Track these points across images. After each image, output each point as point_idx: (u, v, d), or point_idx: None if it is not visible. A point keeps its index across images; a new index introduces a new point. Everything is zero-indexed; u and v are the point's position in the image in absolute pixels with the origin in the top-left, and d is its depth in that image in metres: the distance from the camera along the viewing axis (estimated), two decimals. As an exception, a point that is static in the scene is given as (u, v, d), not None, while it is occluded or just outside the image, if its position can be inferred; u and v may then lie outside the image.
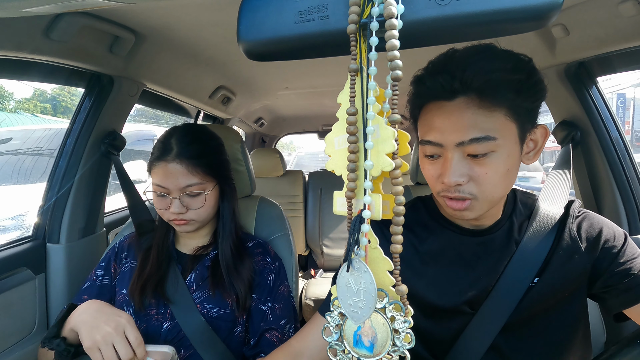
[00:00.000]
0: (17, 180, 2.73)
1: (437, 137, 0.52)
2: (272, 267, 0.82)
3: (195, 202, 0.75)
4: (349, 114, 0.33)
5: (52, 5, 0.46)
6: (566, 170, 0.82)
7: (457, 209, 0.54)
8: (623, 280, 0.55)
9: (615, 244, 0.57)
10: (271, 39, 0.35)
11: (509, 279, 0.58)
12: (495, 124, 0.49)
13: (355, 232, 0.34)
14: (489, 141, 0.49)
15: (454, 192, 0.53)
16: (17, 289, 0.90)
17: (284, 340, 0.76)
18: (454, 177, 0.51)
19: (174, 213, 0.73)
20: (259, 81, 1.65)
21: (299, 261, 2.02)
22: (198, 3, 0.80)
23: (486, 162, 0.51)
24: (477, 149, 0.50)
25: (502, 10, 0.30)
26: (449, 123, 0.51)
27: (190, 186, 0.74)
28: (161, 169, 0.73)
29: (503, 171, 0.52)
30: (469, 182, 0.52)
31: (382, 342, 0.36)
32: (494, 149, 0.50)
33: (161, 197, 0.74)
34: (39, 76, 0.89)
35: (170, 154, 0.74)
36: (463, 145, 0.50)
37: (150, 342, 0.74)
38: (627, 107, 10.82)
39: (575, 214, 0.62)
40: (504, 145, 0.50)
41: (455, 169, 0.51)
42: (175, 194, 0.73)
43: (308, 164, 6.96)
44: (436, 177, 0.55)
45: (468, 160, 0.52)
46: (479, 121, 0.49)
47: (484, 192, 0.52)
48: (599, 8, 0.77)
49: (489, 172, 0.51)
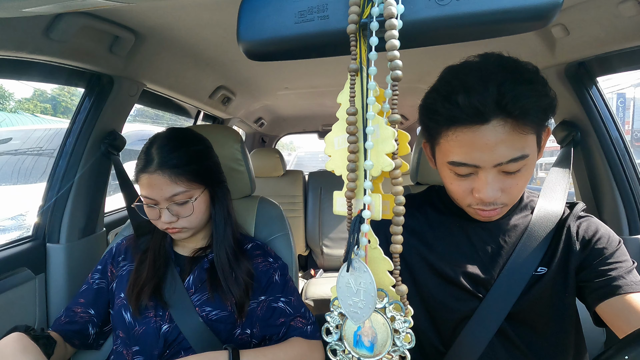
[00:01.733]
0: (17, 180, 2.73)
1: (474, 159, 0.53)
2: (275, 267, 0.82)
3: (184, 210, 0.74)
4: (349, 114, 0.33)
5: (52, 5, 0.46)
6: (566, 168, 0.83)
7: (488, 217, 0.59)
8: (600, 278, 0.58)
9: (607, 245, 0.60)
10: (271, 39, 0.35)
11: (514, 266, 0.62)
12: (527, 142, 0.53)
13: (355, 232, 0.34)
14: (524, 159, 0.53)
15: (489, 206, 0.57)
16: (17, 289, 0.90)
17: (309, 324, 0.78)
18: (492, 194, 0.54)
19: (165, 222, 0.73)
20: (259, 81, 1.65)
21: (299, 261, 2.03)
22: (198, 3, 0.80)
23: (518, 175, 0.55)
24: (514, 167, 0.53)
25: (502, 10, 0.30)
26: (486, 146, 0.52)
27: (175, 195, 0.72)
28: (145, 180, 0.72)
29: (528, 177, 0.57)
30: (502, 194, 0.56)
31: (382, 342, 0.36)
32: (526, 163, 0.54)
33: (150, 207, 0.73)
34: (39, 76, 0.89)
35: (152, 164, 0.71)
36: (501, 166, 0.53)
37: (150, 345, 0.74)
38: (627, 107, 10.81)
39: (577, 214, 0.65)
40: (532, 158, 0.55)
41: (494, 186, 0.54)
42: (163, 204, 0.72)
43: (308, 164, 6.97)
44: (468, 191, 0.57)
45: (502, 176, 0.55)
46: (514, 142, 0.51)
47: (513, 199, 0.58)
48: (599, 8, 0.77)
49: (520, 183, 0.56)
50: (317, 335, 0.78)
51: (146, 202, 0.73)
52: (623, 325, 0.53)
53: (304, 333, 0.77)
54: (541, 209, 0.66)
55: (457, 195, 0.60)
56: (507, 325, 0.62)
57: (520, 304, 0.61)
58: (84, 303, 0.81)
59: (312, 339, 0.77)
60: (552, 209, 0.66)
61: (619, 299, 0.55)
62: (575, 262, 0.61)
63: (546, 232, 0.63)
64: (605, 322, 0.57)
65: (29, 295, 0.95)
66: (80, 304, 0.81)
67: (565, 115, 1.06)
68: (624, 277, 0.56)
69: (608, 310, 0.56)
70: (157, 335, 0.74)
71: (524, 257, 0.62)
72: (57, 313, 0.99)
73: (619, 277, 0.57)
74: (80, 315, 0.79)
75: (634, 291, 0.55)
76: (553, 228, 0.63)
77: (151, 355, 0.73)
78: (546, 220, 0.64)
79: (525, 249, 0.62)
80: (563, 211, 0.66)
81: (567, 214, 0.65)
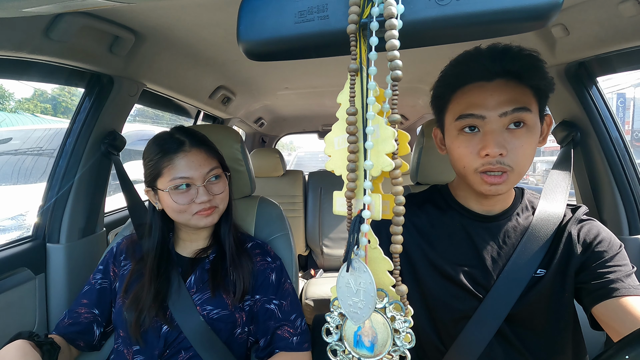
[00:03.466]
0: (17, 180, 2.73)
1: (481, 110, 0.58)
2: (272, 266, 0.82)
3: (218, 187, 0.77)
4: (348, 114, 0.33)
5: (52, 5, 0.46)
6: (566, 169, 0.83)
7: (495, 183, 0.58)
8: (598, 280, 0.58)
9: (607, 249, 0.61)
10: (271, 39, 0.35)
11: (514, 267, 0.62)
12: (528, 99, 0.57)
13: (355, 232, 0.34)
14: (527, 112, 0.57)
15: (496, 164, 0.57)
16: (17, 289, 0.90)
17: (297, 334, 0.77)
18: (497, 148, 0.56)
19: (202, 202, 0.74)
20: (259, 81, 1.65)
21: (299, 261, 2.03)
22: (198, 3, 0.80)
23: (521, 134, 0.57)
24: (518, 117, 0.57)
25: (502, 10, 0.30)
26: (492, 98, 0.57)
27: (212, 170, 0.76)
28: (182, 159, 0.73)
29: (533, 145, 0.58)
30: (508, 154, 0.57)
31: (383, 342, 0.36)
32: (528, 121, 0.57)
33: (183, 191, 0.74)
34: (39, 76, 0.89)
35: (185, 144, 0.75)
36: (506, 115, 0.56)
37: (150, 345, 0.74)
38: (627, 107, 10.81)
39: (579, 218, 0.65)
40: (534, 120, 0.58)
41: (498, 140, 0.57)
42: (200, 182, 0.74)
43: (308, 164, 6.96)
44: (475, 152, 0.59)
45: (506, 133, 0.57)
46: (517, 96, 0.57)
47: (519, 164, 0.58)
48: (599, 8, 0.77)
49: (524, 145, 0.57)
50: (303, 346, 0.77)
51: (182, 182, 0.73)
52: (618, 327, 0.53)
53: (289, 345, 0.76)
54: (542, 210, 0.66)
55: (465, 160, 0.60)
56: (506, 326, 0.62)
57: (519, 305, 0.61)
58: (88, 303, 0.80)
59: (298, 351, 0.76)
60: (553, 211, 0.66)
61: (615, 301, 0.55)
62: (575, 264, 0.61)
63: (547, 233, 0.63)
64: (601, 324, 0.58)
65: (29, 295, 0.95)
66: (83, 305, 0.80)
67: (565, 115, 1.06)
68: (621, 281, 0.57)
69: (604, 312, 0.56)
70: (157, 335, 0.74)
71: (524, 259, 0.62)
72: (57, 313, 0.99)
73: (616, 280, 0.57)
74: (84, 316, 0.79)
75: (630, 294, 0.55)
76: (554, 230, 0.63)
77: (151, 355, 0.73)
78: (547, 221, 0.64)
79: (525, 251, 0.62)
80: (564, 213, 0.66)
81: (570, 217, 0.65)
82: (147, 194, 0.80)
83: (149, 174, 0.77)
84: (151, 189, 0.78)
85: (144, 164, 0.78)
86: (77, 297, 0.82)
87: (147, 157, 0.77)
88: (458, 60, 0.61)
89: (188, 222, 0.76)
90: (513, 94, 0.57)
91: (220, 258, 0.81)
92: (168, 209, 0.76)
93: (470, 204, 0.68)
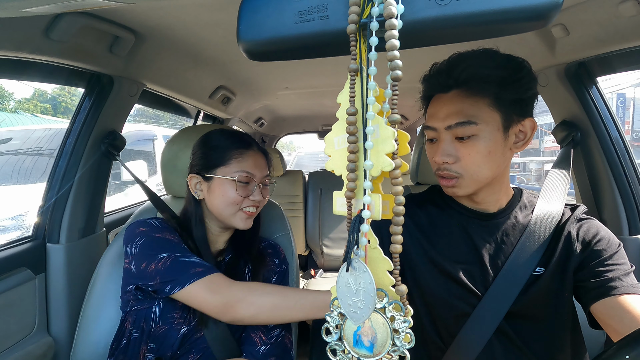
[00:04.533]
0: (17, 180, 2.73)
1: (433, 122, 0.63)
2: (277, 270, 0.83)
3: (266, 192, 0.82)
4: (348, 114, 0.33)
5: (52, 5, 0.46)
6: (565, 169, 0.83)
7: (446, 185, 0.64)
8: (596, 279, 0.59)
9: (606, 247, 0.61)
10: (271, 39, 0.35)
11: (513, 266, 0.63)
12: (478, 112, 0.59)
13: (355, 232, 0.34)
14: (471, 125, 0.58)
15: (443, 170, 0.62)
16: (17, 289, 0.90)
17: (267, 344, 0.75)
18: (442, 156, 0.61)
19: (256, 201, 0.77)
20: (259, 81, 1.65)
21: (299, 261, 2.02)
22: (198, 3, 0.80)
23: (469, 144, 0.60)
24: (461, 132, 0.59)
25: (502, 10, 0.30)
26: (442, 111, 0.61)
27: (267, 176, 0.81)
28: (251, 157, 0.78)
29: (484, 153, 0.60)
30: (455, 162, 0.61)
31: (382, 342, 0.36)
32: (476, 133, 0.59)
33: (244, 184, 0.76)
34: (39, 76, 0.89)
35: (253, 146, 0.80)
36: (451, 129, 0.60)
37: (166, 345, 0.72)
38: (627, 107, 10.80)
39: (578, 217, 0.66)
40: (485, 130, 0.59)
41: (444, 149, 0.61)
42: (258, 182, 0.78)
43: (308, 164, 6.96)
44: (432, 159, 0.65)
45: (455, 143, 0.61)
46: (464, 109, 0.59)
47: (468, 171, 0.61)
48: (599, 8, 0.77)
49: (472, 153, 0.60)
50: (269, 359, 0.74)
51: (248, 177, 0.76)
52: (616, 325, 0.53)
53: (254, 353, 0.74)
54: (541, 209, 0.67)
55: (431, 163, 0.66)
56: (506, 324, 0.62)
57: (518, 303, 0.61)
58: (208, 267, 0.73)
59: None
60: (551, 210, 0.66)
61: (613, 299, 0.55)
62: (574, 263, 0.62)
63: (546, 232, 0.63)
64: (599, 323, 0.58)
65: (29, 296, 0.95)
66: None
67: (565, 115, 1.06)
68: (620, 279, 0.57)
69: (602, 310, 0.56)
70: (175, 336, 0.73)
71: (523, 257, 0.62)
72: (57, 313, 0.99)
73: (615, 279, 0.57)
74: None
75: (629, 293, 0.55)
76: (553, 228, 0.64)
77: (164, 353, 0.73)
78: (546, 220, 0.65)
79: (524, 249, 0.63)
80: (563, 212, 0.66)
81: (568, 216, 0.66)
82: (191, 180, 0.79)
83: (209, 159, 0.77)
84: (200, 176, 0.77)
85: (203, 153, 0.78)
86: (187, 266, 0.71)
87: (210, 144, 0.78)
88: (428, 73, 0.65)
89: (230, 217, 0.76)
90: (460, 106, 0.59)
91: (235, 260, 0.81)
92: (220, 197, 0.75)
93: (465, 202, 0.69)
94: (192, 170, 0.80)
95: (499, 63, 0.59)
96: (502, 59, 0.59)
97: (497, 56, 0.60)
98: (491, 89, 0.58)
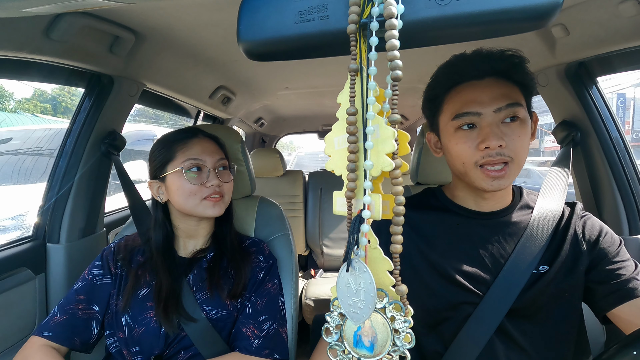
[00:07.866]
0: (17, 180, 2.73)
1: (476, 107, 0.60)
2: (263, 265, 0.82)
3: (226, 176, 0.82)
4: (348, 114, 0.33)
5: (52, 5, 0.46)
6: (565, 168, 0.84)
7: (497, 176, 0.60)
8: (611, 281, 0.59)
9: (611, 244, 0.63)
10: (271, 39, 0.35)
11: (514, 265, 0.63)
12: (517, 95, 0.61)
13: (355, 232, 0.34)
14: (519, 106, 0.60)
15: (496, 156, 0.59)
16: (17, 289, 0.90)
17: (259, 337, 0.74)
18: (496, 140, 0.58)
19: (213, 186, 0.77)
20: (259, 81, 1.65)
21: (299, 261, 2.02)
22: (198, 3, 0.80)
23: (516, 127, 0.60)
24: (512, 112, 0.59)
25: (502, 10, 0.30)
26: (485, 95, 0.60)
27: (221, 159, 0.81)
28: (196, 144, 0.78)
29: (527, 136, 0.61)
30: (507, 145, 0.59)
31: (383, 342, 0.36)
32: (520, 115, 0.60)
33: (196, 172, 0.77)
34: (39, 76, 0.89)
35: (200, 133, 0.81)
36: (500, 111, 0.59)
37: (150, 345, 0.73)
38: (627, 107, 10.81)
39: (580, 214, 0.67)
40: (525, 114, 0.61)
41: (496, 133, 0.59)
42: (210, 167, 0.78)
43: (308, 164, 6.97)
44: (474, 147, 0.61)
45: (502, 126, 0.60)
46: (508, 92, 0.60)
47: (518, 154, 0.60)
48: (599, 8, 0.77)
49: (520, 135, 0.60)
50: (262, 352, 0.73)
51: (196, 163, 0.77)
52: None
53: (247, 347, 0.73)
54: (541, 208, 0.67)
55: (464, 156, 0.62)
56: (507, 323, 0.63)
57: (520, 302, 0.61)
58: (85, 299, 0.76)
59: (256, 355, 0.73)
60: (551, 208, 0.67)
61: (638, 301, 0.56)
62: (584, 262, 0.62)
63: (546, 230, 0.64)
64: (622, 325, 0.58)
65: (29, 295, 0.95)
66: (79, 301, 0.76)
67: (565, 115, 1.06)
68: (636, 279, 0.58)
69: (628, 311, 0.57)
70: (157, 334, 0.74)
71: (524, 256, 0.62)
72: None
73: (631, 279, 0.58)
74: (82, 312, 0.75)
75: None
76: (553, 227, 0.64)
77: (151, 355, 0.73)
78: (546, 219, 0.65)
79: (525, 248, 0.63)
80: (562, 210, 0.67)
81: (570, 214, 0.66)
82: (151, 186, 0.80)
83: (158, 161, 0.78)
84: (157, 179, 0.78)
85: (153, 156, 0.79)
86: (69, 292, 0.78)
87: (158, 147, 0.79)
88: (449, 62, 0.65)
89: (195, 208, 0.76)
90: (504, 90, 0.60)
91: (218, 257, 0.81)
92: (177, 192, 0.76)
93: (468, 204, 0.68)
94: (149, 176, 0.81)
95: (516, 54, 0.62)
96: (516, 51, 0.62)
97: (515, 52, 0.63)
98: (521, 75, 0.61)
